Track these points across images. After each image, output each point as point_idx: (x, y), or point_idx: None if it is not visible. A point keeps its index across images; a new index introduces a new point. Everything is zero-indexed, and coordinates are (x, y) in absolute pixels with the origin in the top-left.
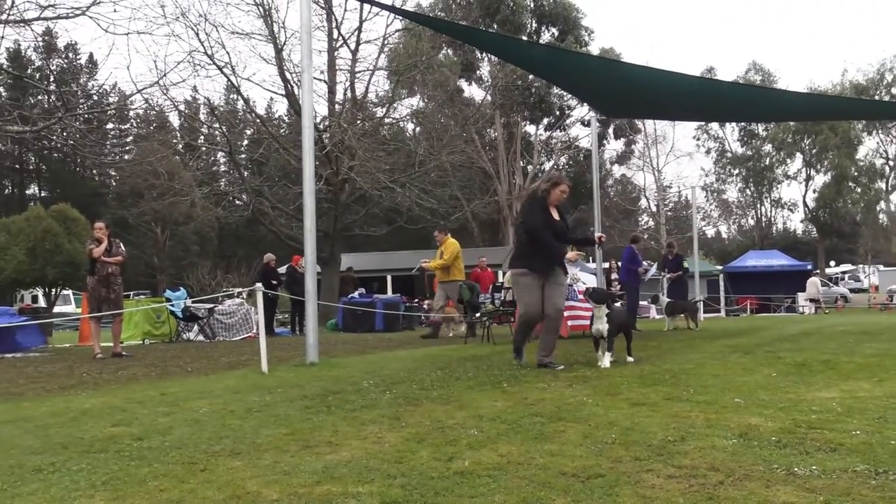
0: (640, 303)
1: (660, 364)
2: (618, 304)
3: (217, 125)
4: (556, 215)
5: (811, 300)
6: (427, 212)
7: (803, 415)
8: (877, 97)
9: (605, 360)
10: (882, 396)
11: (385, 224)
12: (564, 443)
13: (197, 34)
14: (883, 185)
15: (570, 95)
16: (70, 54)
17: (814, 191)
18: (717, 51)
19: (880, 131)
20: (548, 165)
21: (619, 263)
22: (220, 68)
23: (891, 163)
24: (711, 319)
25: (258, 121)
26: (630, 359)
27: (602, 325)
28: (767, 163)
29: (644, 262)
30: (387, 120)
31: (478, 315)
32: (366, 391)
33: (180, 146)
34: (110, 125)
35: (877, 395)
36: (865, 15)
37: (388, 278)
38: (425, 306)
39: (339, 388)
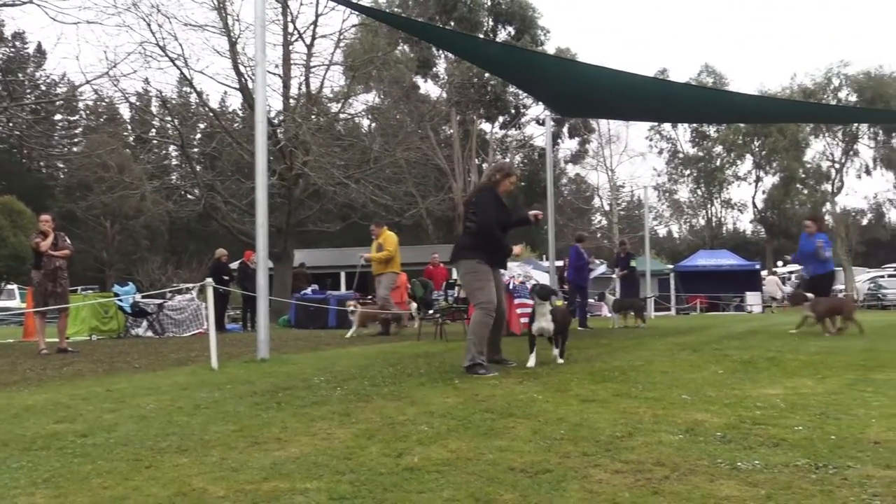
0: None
1: (609, 361)
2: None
3: (169, 118)
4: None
5: (772, 298)
6: (382, 208)
7: (748, 411)
8: (824, 101)
9: (556, 356)
10: (824, 393)
11: (339, 220)
12: (514, 438)
13: (149, 25)
14: (829, 188)
15: (525, 94)
16: (17, 43)
17: (763, 192)
18: (670, 53)
19: (827, 135)
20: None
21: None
22: (172, 60)
23: (836, 165)
24: (662, 318)
25: (211, 114)
26: (560, 360)
27: (546, 324)
28: (718, 164)
29: (595, 261)
30: (342, 115)
31: (431, 312)
32: (316, 388)
33: (131, 139)
34: (58, 116)
35: (819, 391)
36: (814, 22)
37: (342, 275)
38: (351, 308)
39: (290, 385)
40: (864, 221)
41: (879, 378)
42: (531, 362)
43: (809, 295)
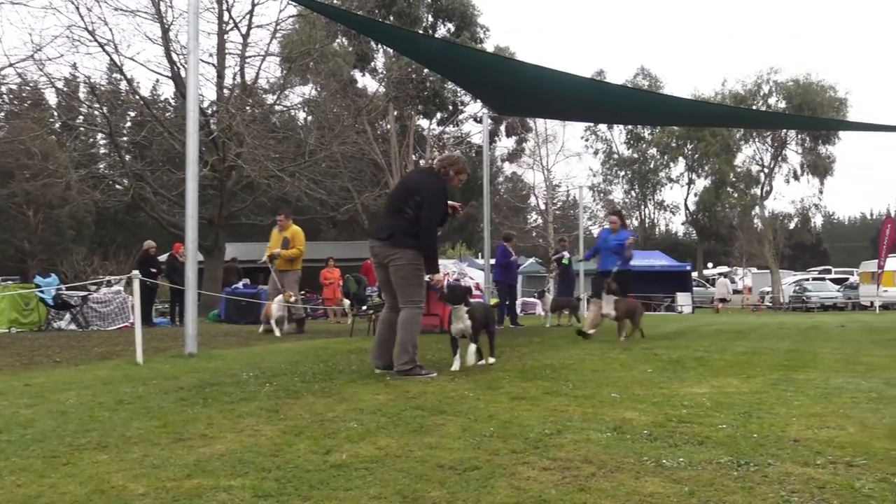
0: (527, 299)
1: (541, 359)
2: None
3: (97, 105)
4: None
5: (721, 300)
6: (316, 202)
7: (675, 409)
8: (754, 107)
9: (470, 357)
10: (748, 392)
11: (272, 214)
12: (443, 436)
13: (77, 8)
14: (758, 191)
15: (463, 91)
16: None
17: (695, 194)
18: (607, 54)
19: (757, 140)
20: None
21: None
22: (101, 46)
23: (765, 170)
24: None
25: (142, 102)
26: (491, 360)
27: (464, 324)
28: (652, 166)
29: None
30: (277, 107)
31: (364, 308)
32: (245, 383)
33: (56, 125)
34: None
35: (744, 390)
36: (745, 29)
37: (299, 273)
38: (275, 303)
39: (217, 381)
40: (791, 225)
41: (801, 378)
42: (455, 365)
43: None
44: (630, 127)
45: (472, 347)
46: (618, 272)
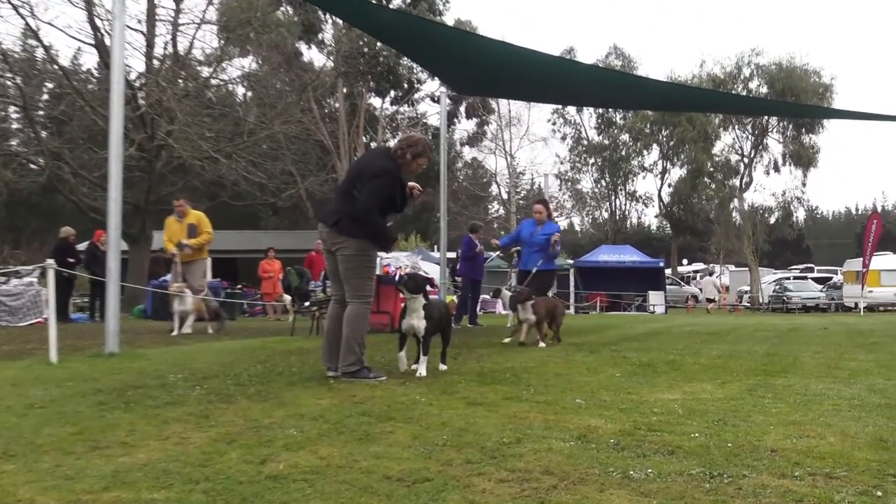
0: (485, 296)
1: (501, 362)
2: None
3: (10, 75)
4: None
5: (708, 300)
6: (255, 187)
7: (644, 416)
8: (734, 91)
9: (422, 368)
10: (723, 398)
11: (206, 199)
12: (392, 444)
13: None
14: (737, 183)
15: (420, 68)
16: None
17: (669, 185)
18: (577, 31)
19: (737, 127)
20: (392, 141)
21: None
22: (14, 7)
23: (745, 160)
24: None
25: (61, 73)
26: (443, 366)
27: (418, 321)
28: (624, 153)
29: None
30: (213, 81)
31: (307, 304)
32: (172, 386)
33: None
34: None
35: (718, 396)
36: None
37: (208, 261)
38: (184, 294)
39: (142, 383)
40: (772, 220)
41: (779, 383)
42: (402, 365)
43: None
44: (601, 111)
45: (423, 360)
46: (538, 272)
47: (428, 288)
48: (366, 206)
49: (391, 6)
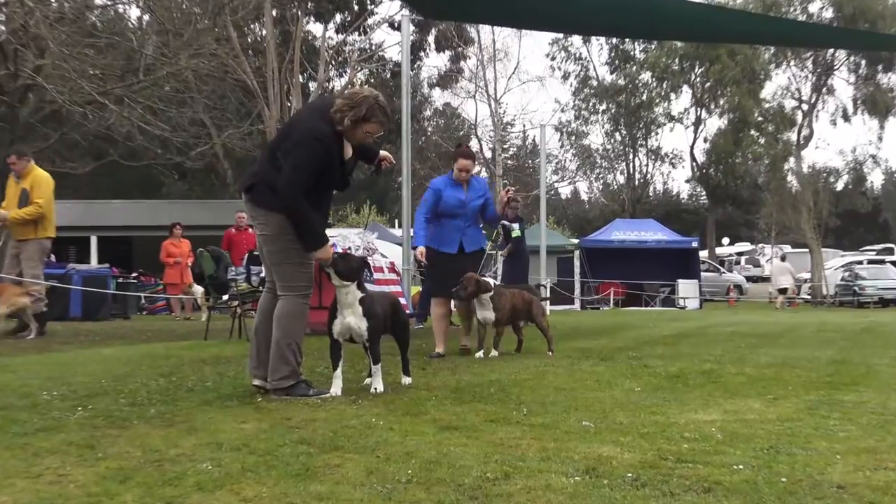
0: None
1: (483, 373)
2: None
3: None
4: (348, 152)
5: (780, 290)
6: (156, 142)
7: (672, 443)
8: (789, 16)
9: (377, 381)
10: (775, 420)
11: (91, 158)
12: (339, 482)
13: None
14: (793, 137)
15: None
16: None
17: (705, 139)
18: None
19: (793, 63)
20: (338, 83)
21: None
22: None
23: (804, 107)
24: (561, 313)
25: None
26: (406, 380)
27: (355, 321)
28: (645, 98)
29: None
30: (98, 1)
31: (226, 298)
32: (46, 407)
33: None
34: None
35: (769, 417)
36: None
37: (93, 240)
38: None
39: (4, 403)
40: (839, 186)
41: (849, 400)
42: (335, 387)
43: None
44: (615, 41)
45: (377, 371)
46: (476, 253)
47: (373, 277)
48: (286, 187)
49: None
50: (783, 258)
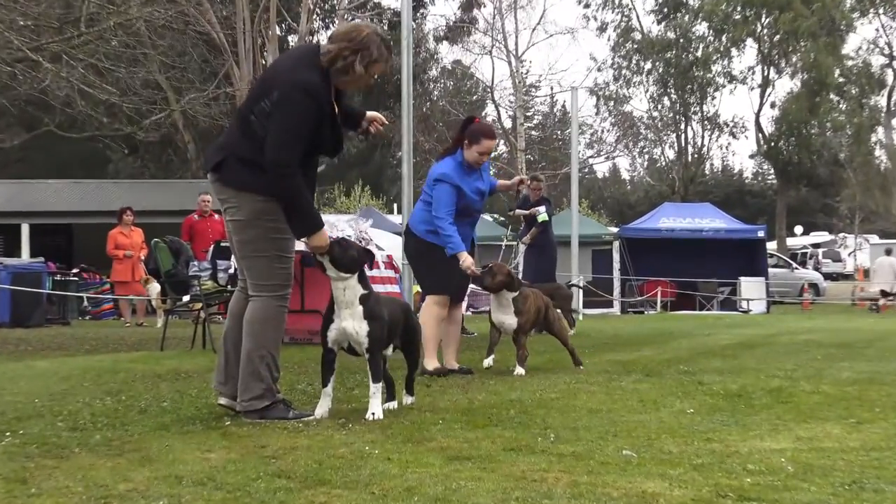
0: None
1: (501, 391)
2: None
3: None
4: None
5: (883, 293)
6: (101, 109)
7: (732, 477)
8: None
9: (374, 404)
10: (859, 448)
11: (22, 129)
12: None
13: None
14: (883, 102)
15: None
16: None
17: (773, 105)
18: None
19: (882, 11)
20: (324, 35)
21: None
22: None
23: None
24: (596, 318)
25: None
26: (408, 399)
27: (354, 326)
28: (700, 54)
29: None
30: None
31: (186, 300)
32: None
33: None
34: None
35: (851, 445)
36: None
37: (24, 229)
38: None
39: None
40: None
41: None
42: (321, 408)
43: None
44: None
45: (376, 391)
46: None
47: (373, 271)
48: (276, 157)
49: None
50: (889, 251)
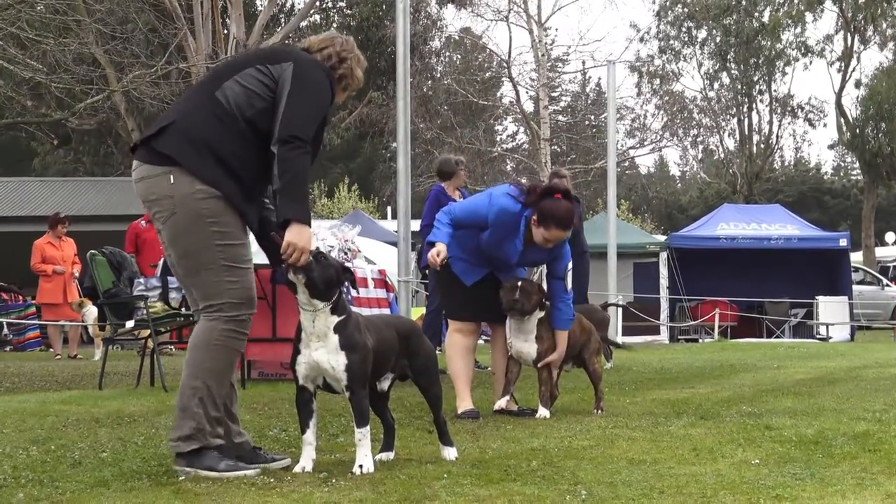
0: None
1: (521, 437)
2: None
3: None
4: None
5: None
6: (24, 89)
7: None
8: None
9: (362, 454)
10: None
11: None
12: None
13: None
14: None
15: None
16: None
17: (858, 84)
18: None
19: None
20: (300, 4)
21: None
22: None
23: None
24: (640, 346)
25: None
26: (449, 452)
27: (330, 359)
28: (767, 20)
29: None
30: None
31: (130, 326)
32: None
33: None
34: None
35: None
36: None
37: None
38: None
39: None
40: None
41: None
42: (304, 459)
43: None
44: None
45: (362, 441)
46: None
47: (351, 291)
48: (297, 131)
49: None
50: None
